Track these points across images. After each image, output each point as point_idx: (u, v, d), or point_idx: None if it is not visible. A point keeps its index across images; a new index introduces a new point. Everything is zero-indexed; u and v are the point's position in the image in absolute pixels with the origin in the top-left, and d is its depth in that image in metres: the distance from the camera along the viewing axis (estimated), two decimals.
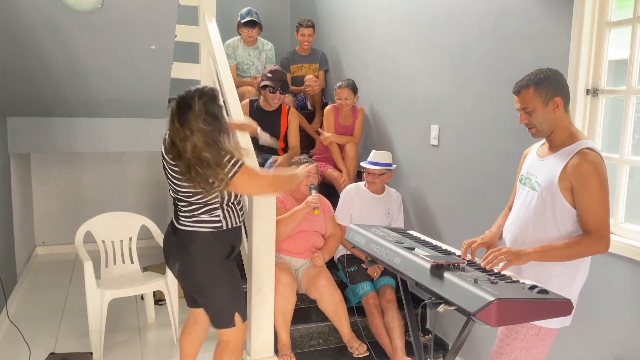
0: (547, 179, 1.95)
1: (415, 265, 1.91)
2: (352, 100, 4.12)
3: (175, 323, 3.50)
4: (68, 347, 3.38)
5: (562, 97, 1.94)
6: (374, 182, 3.59)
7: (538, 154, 2.08)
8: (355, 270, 3.49)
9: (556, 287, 1.92)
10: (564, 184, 1.90)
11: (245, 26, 4.68)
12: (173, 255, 2.42)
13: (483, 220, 2.98)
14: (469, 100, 3.06)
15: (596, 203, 1.85)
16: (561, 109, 1.94)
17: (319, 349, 3.39)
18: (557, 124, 1.96)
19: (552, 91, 1.93)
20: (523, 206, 2.05)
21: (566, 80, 1.98)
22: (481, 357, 3.05)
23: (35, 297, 4.29)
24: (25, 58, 3.41)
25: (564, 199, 1.91)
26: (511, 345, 2.01)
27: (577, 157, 1.88)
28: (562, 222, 1.93)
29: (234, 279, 2.44)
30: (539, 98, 1.94)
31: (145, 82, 3.92)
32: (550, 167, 1.96)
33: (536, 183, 2.00)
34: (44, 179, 5.46)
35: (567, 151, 1.93)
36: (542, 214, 1.96)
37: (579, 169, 1.86)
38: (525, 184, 2.08)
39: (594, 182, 1.85)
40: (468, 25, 3.03)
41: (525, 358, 2.00)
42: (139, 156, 5.73)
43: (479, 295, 1.61)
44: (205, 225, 2.33)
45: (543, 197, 1.96)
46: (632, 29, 2.20)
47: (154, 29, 3.35)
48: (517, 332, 2.00)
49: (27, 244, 5.02)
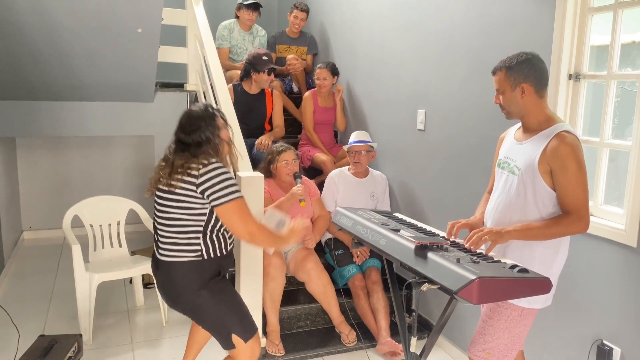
0: (526, 162, 1.99)
1: (400, 246, 1.95)
2: (330, 81, 4.23)
3: (164, 306, 3.53)
4: (57, 329, 3.41)
5: (531, 83, 1.96)
6: (360, 162, 3.62)
7: (515, 138, 2.12)
8: (342, 253, 3.54)
9: (537, 267, 1.97)
10: (543, 167, 1.94)
11: (248, 8, 4.63)
12: (159, 286, 2.35)
13: (467, 203, 3.03)
14: (455, 85, 3.10)
15: (574, 184, 1.90)
16: (530, 95, 1.97)
17: (306, 330, 3.45)
18: (529, 108, 2.00)
19: (521, 77, 1.96)
20: (503, 191, 2.09)
21: (544, 67, 2.00)
22: (464, 337, 3.13)
23: (23, 281, 4.30)
24: (10, 41, 3.37)
25: (544, 182, 1.95)
26: (494, 325, 2.07)
27: (555, 140, 1.92)
28: (543, 205, 1.98)
29: (224, 300, 2.29)
30: (507, 82, 1.99)
31: (132, 66, 3.90)
32: (528, 151, 2.00)
33: (515, 167, 2.04)
34: (30, 163, 5.42)
35: (545, 134, 1.97)
36: (522, 197, 2.01)
37: (557, 151, 1.90)
38: (504, 168, 2.12)
39: (572, 164, 1.89)
40: (454, 10, 3.06)
41: (507, 337, 2.06)
42: (126, 140, 5.71)
43: (461, 274, 1.65)
44: (184, 255, 2.23)
45: (523, 181, 2.00)
46: (613, 14, 2.24)
47: (141, 12, 3.33)
48: (501, 313, 2.05)
49: (13, 229, 5.00)
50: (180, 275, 2.24)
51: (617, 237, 2.16)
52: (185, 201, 2.19)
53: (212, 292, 2.25)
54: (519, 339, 2.08)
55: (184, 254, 2.22)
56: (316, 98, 4.30)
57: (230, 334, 2.26)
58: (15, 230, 5.10)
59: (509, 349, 2.06)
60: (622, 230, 2.14)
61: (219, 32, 4.67)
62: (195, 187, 2.16)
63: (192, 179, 2.16)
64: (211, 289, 2.26)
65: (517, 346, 2.08)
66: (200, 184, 2.15)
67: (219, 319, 2.26)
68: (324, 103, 4.31)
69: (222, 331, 2.28)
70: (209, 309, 2.25)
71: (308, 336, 3.38)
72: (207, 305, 2.25)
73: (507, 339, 2.06)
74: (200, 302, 2.24)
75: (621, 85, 2.33)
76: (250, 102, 4.10)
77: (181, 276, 2.24)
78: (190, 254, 2.23)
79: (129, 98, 4.39)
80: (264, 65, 4.01)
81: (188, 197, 2.18)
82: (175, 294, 2.27)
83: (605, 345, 2.22)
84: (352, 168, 3.69)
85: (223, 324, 2.27)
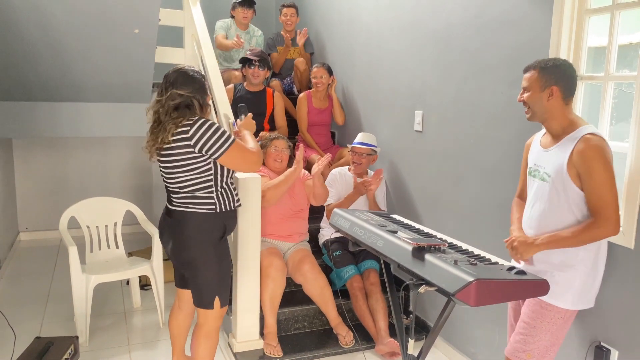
0: (556, 168, 2.00)
1: (397, 247, 1.95)
2: (326, 80, 4.28)
3: (161, 307, 3.52)
4: (53, 331, 3.39)
5: (560, 88, 1.98)
6: (361, 163, 3.63)
7: (542, 144, 2.13)
8: (340, 254, 3.54)
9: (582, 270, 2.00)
10: (572, 171, 1.95)
11: (242, 6, 4.67)
12: (167, 235, 2.47)
13: (465, 204, 3.03)
14: (452, 86, 3.09)
15: (600, 186, 1.90)
16: (557, 99, 1.99)
17: (304, 332, 3.44)
18: (553, 112, 2.01)
19: (552, 79, 1.98)
20: (537, 199, 2.10)
21: (576, 76, 2.02)
22: (461, 338, 3.13)
23: (19, 283, 4.28)
24: (6, 42, 3.36)
25: (574, 185, 1.96)
26: (537, 327, 2.05)
27: (581, 144, 1.93)
28: (577, 208, 1.98)
29: (224, 263, 2.48)
30: (538, 82, 2.01)
31: (129, 67, 3.89)
32: (556, 157, 2.01)
33: (545, 174, 2.05)
34: (27, 164, 5.40)
35: (571, 138, 1.98)
36: (556, 203, 2.01)
37: (583, 154, 1.91)
38: (535, 176, 2.13)
39: (598, 167, 1.89)
40: (451, 11, 3.05)
41: (549, 339, 2.05)
42: (123, 141, 5.69)
43: (458, 276, 1.65)
44: (199, 207, 2.37)
45: (555, 187, 2.00)
46: (610, 16, 2.24)
47: (138, 12, 3.33)
48: (544, 315, 2.04)
49: (9, 230, 4.99)
50: (193, 225, 2.38)
51: (615, 239, 2.15)
52: (189, 163, 2.31)
53: (217, 252, 2.42)
54: (559, 340, 2.08)
55: (199, 207, 2.37)
56: (311, 99, 4.31)
57: (215, 295, 2.44)
58: (11, 232, 5.09)
59: (549, 350, 2.07)
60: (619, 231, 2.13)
61: (217, 25, 4.70)
62: (192, 147, 2.27)
63: (187, 142, 2.27)
64: (217, 248, 2.42)
65: (557, 346, 2.08)
66: (195, 143, 2.27)
67: (213, 278, 2.43)
68: (319, 104, 4.32)
69: (210, 290, 2.43)
70: (210, 267, 2.41)
71: (305, 338, 3.37)
72: (209, 263, 2.41)
73: (548, 341, 2.05)
74: (205, 258, 2.39)
75: (619, 87, 2.33)
76: (250, 99, 4.11)
77: (194, 226, 2.38)
78: (206, 206, 2.38)
79: (126, 99, 4.38)
80: (246, 57, 4.13)
81: (189, 158, 2.30)
82: (183, 244, 2.40)
83: (602, 346, 2.21)
84: (352, 168, 3.70)
85: (215, 284, 2.44)
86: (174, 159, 2.32)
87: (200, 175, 2.34)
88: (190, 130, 2.26)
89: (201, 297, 2.46)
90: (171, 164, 2.34)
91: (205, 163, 2.33)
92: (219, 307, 2.47)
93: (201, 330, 2.51)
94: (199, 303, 2.47)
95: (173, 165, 2.34)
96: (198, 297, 2.47)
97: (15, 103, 4.17)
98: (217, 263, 2.43)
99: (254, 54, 4.15)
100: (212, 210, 2.39)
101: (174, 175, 2.36)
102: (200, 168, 2.33)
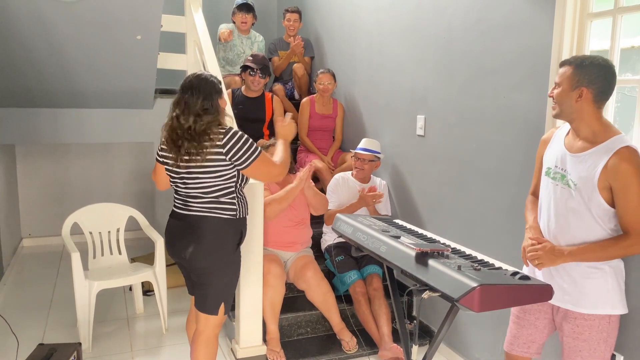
0: (585, 177, 1.90)
1: (400, 253, 1.94)
2: (332, 86, 4.28)
3: (164, 313, 3.52)
4: (56, 338, 3.39)
5: (592, 90, 1.86)
6: (363, 169, 3.62)
7: (567, 146, 2.00)
8: (343, 259, 3.53)
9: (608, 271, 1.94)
10: (602, 184, 1.86)
11: (240, 10, 4.67)
12: (185, 240, 2.41)
13: (468, 208, 3.03)
14: (454, 90, 3.09)
15: (636, 204, 1.83)
16: (587, 101, 1.87)
17: (307, 337, 3.43)
18: (581, 114, 1.90)
19: (585, 80, 1.87)
20: (558, 203, 2.00)
21: (614, 81, 1.89)
22: (465, 343, 3.11)
23: (22, 289, 4.28)
24: (9, 48, 3.37)
25: (602, 198, 1.88)
26: (588, 340, 1.97)
27: (617, 158, 1.83)
28: (602, 220, 1.91)
29: (236, 272, 2.51)
30: (570, 79, 1.89)
31: (131, 73, 3.90)
32: (587, 166, 1.90)
33: (570, 180, 1.95)
34: (30, 170, 5.42)
35: (604, 149, 1.87)
36: (581, 212, 1.93)
37: (619, 170, 1.82)
38: (555, 179, 2.02)
39: (634, 184, 1.81)
40: (453, 14, 3.06)
41: (604, 348, 1.97)
42: (126, 147, 5.70)
43: (462, 282, 1.64)
44: (222, 212, 2.39)
45: (582, 196, 1.92)
46: (612, 20, 2.24)
47: (140, 19, 3.33)
48: (590, 326, 1.96)
49: (13, 236, 4.99)
50: (214, 229, 2.38)
51: None
52: (218, 170, 2.34)
53: (233, 259, 2.45)
54: (612, 346, 2.01)
55: (222, 212, 2.39)
56: (314, 104, 4.31)
57: (221, 302, 2.44)
58: (14, 238, 5.09)
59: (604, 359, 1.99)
60: None
61: (220, 27, 4.77)
62: (224, 155, 2.31)
63: (219, 149, 2.30)
64: (233, 255, 2.45)
65: (610, 354, 2.01)
66: (227, 151, 2.30)
67: (224, 285, 2.44)
68: (322, 110, 4.32)
69: (218, 297, 2.43)
70: (224, 273, 2.43)
71: (308, 343, 3.36)
72: (224, 269, 2.43)
73: (603, 350, 1.97)
74: (221, 263, 2.41)
75: (621, 91, 2.33)
76: (247, 105, 4.10)
77: (215, 231, 2.38)
78: (229, 212, 2.40)
79: (128, 105, 4.39)
80: (246, 64, 4.11)
81: (220, 165, 2.33)
82: (212, 247, 2.39)
83: None
84: (355, 173, 3.70)
85: (224, 292, 2.45)
86: (203, 163, 2.32)
87: (226, 181, 2.38)
88: (223, 140, 2.30)
89: (206, 301, 2.44)
90: (198, 166, 2.33)
91: (233, 170, 2.37)
92: (222, 314, 2.46)
93: (201, 337, 2.49)
94: (203, 308, 2.45)
95: (201, 169, 2.33)
96: (202, 301, 2.45)
97: (18, 109, 4.19)
98: (230, 270, 2.46)
99: (255, 61, 4.12)
100: (233, 216, 2.41)
101: (201, 179, 2.35)
102: (228, 174, 2.37)
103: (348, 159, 4.06)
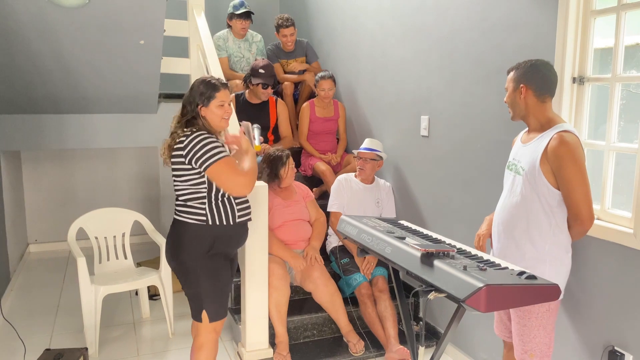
0: (530, 163, 2.06)
1: (406, 254, 1.93)
2: (333, 91, 4.27)
3: (170, 317, 3.52)
4: (63, 343, 3.39)
5: (530, 86, 2.07)
6: (364, 168, 3.62)
7: (521, 140, 2.20)
8: (348, 261, 3.52)
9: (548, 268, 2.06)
10: (545, 167, 2.02)
11: (240, 18, 4.62)
12: (166, 245, 2.50)
13: (473, 209, 3.01)
14: (458, 90, 3.08)
15: (572, 183, 1.97)
16: (529, 97, 2.08)
17: (313, 340, 3.42)
18: (528, 110, 2.10)
19: (522, 79, 2.08)
20: (510, 191, 2.17)
21: (550, 75, 2.08)
22: (471, 343, 3.10)
23: (29, 295, 4.29)
24: (13, 55, 3.39)
25: (546, 181, 2.02)
26: (528, 326, 2.10)
27: (554, 140, 1.99)
28: (547, 204, 2.04)
29: (212, 278, 2.40)
30: (512, 82, 2.13)
31: (135, 78, 3.91)
32: (531, 152, 2.08)
33: (521, 168, 2.12)
34: (35, 176, 5.44)
35: (546, 135, 2.05)
36: (528, 196, 2.08)
37: (555, 151, 1.98)
38: (511, 170, 2.20)
39: (568, 164, 1.96)
40: (455, 14, 3.05)
41: (543, 334, 2.10)
42: (130, 152, 5.72)
43: (468, 282, 1.63)
44: (190, 217, 2.37)
45: (528, 181, 2.07)
46: (616, 17, 2.22)
47: (143, 23, 3.34)
48: (530, 312, 2.09)
49: (19, 242, 5.01)
50: (184, 233, 2.38)
51: (626, 241, 2.13)
52: (182, 175, 2.34)
53: (206, 267, 2.38)
54: (552, 332, 2.13)
55: (191, 217, 2.37)
56: (314, 109, 4.28)
57: (201, 309, 2.41)
58: (21, 244, 5.11)
59: (547, 345, 2.11)
60: (631, 234, 2.11)
61: (214, 44, 4.65)
62: (184, 158, 2.29)
63: (180, 152, 2.30)
64: (207, 263, 2.38)
65: (552, 340, 2.13)
66: (186, 154, 2.28)
67: (198, 292, 2.40)
68: (323, 113, 4.30)
69: (196, 303, 2.42)
70: (195, 279, 2.38)
71: (315, 346, 3.35)
72: (195, 275, 2.38)
73: (543, 336, 2.10)
74: (191, 269, 2.37)
75: (626, 88, 2.31)
76: (252, 112, 4.08)
77: (184, 235, 2.37)
78: (196, 217, 2.36)
79: (132, 110, 4.40)
80: (258, 78, 3.98)
81: (183, 170, 2.33)
82: (175, 251, 2.41)
83: (616, 351, 2.18)
84: (357, 174, 3.69)
85: (199, 298, 2.40)
86: (172, 167, 2.39)
87: (193, 186, 2.34)
88: (184, 142, 2.30)
89: (191, 307, 2.46)
90: (172, 169, 2.39)
91: (200, 175, 2.32)
92: (207, 322, 2.42)
93: (194, 342, 2.50)
94: (191, 312, 2.48)
95: (173, 172, 2.39)
96: (190, 305, 2.48)
97: (23, 116, 4.21)
98: (204, 279, 2.38)
99: (267, 74, 3.99)
100: (203, 222, 2.36)
101: (175, 181, 2.41)
102: (193, 179, 2.33)
103: (352, 161, 4.06)
